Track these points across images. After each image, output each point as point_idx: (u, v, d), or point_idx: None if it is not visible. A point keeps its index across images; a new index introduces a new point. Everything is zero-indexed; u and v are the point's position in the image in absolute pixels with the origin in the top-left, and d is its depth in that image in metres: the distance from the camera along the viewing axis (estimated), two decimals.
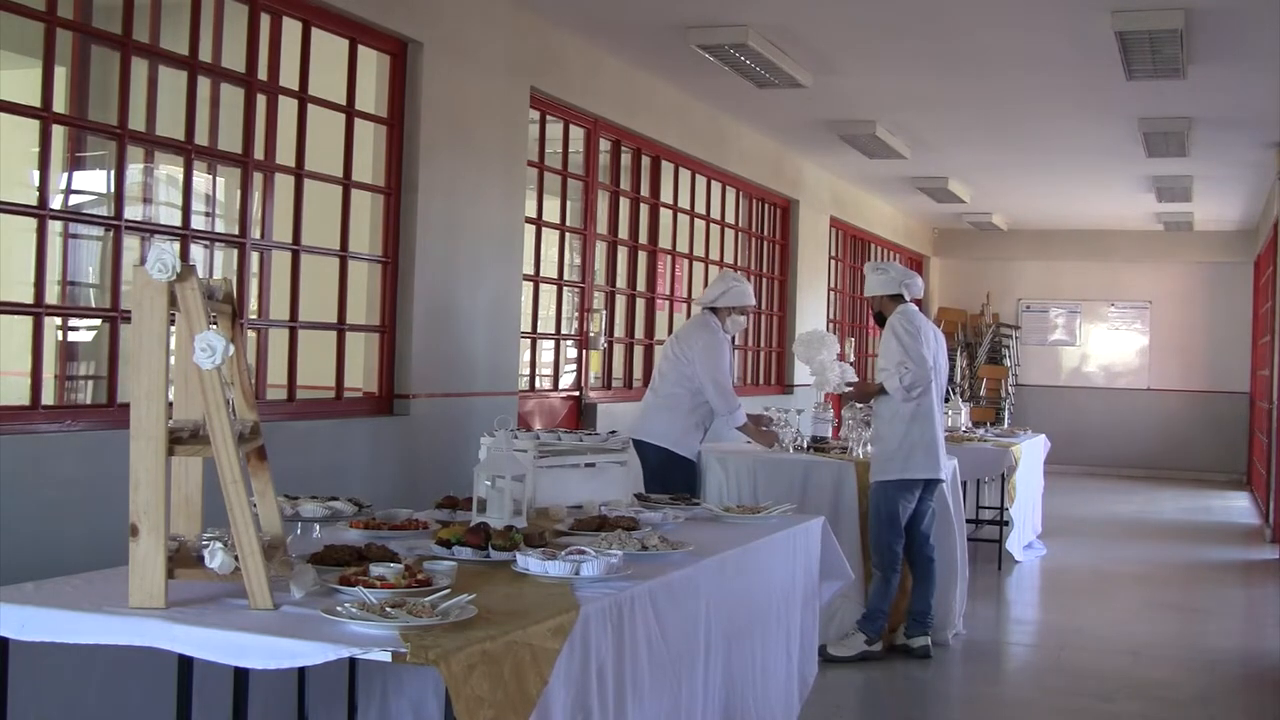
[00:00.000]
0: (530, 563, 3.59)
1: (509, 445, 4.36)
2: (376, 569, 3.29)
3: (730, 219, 12.07)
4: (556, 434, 5.08)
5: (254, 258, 6.19)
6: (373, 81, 7.00)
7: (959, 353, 19.14)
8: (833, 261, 15.21)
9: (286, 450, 5.50)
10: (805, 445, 7.82)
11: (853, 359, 9.65)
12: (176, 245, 5.69)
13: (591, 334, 9.25)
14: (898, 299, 7.13)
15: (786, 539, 4.86)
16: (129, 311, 3.80)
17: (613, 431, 5.42)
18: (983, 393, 19.19)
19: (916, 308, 7.17)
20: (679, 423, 7.15)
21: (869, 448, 7.32)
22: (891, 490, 6.93)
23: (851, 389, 7.62)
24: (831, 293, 15.19)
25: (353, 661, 2.97)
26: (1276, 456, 12.75)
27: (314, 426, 6.44)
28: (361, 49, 6.81)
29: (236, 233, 6.15)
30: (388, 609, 2.92)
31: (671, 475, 7.00)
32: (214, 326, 3.15)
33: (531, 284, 8.48)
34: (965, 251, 20.14)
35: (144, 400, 3.04)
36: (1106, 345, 20.08)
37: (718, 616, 4.16)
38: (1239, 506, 15.76)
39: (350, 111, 6.77)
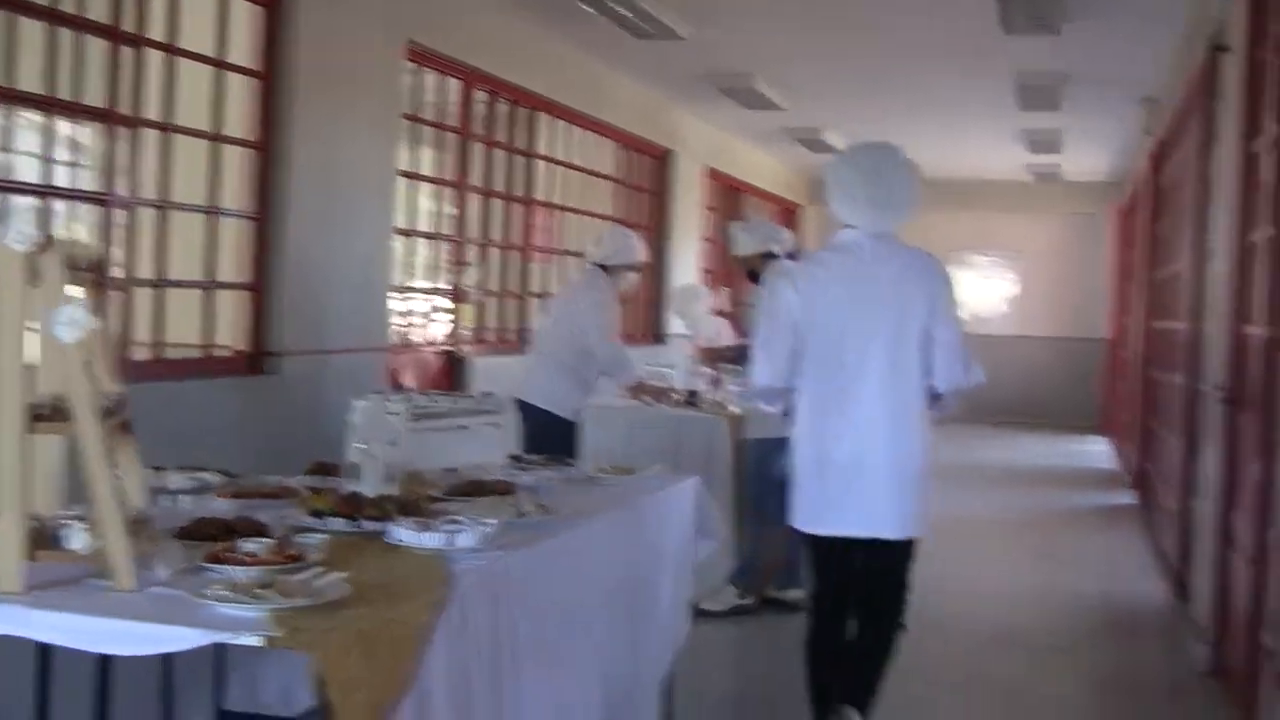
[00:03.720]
0: (403, 534, 3.54)
1: (382, 409, 4.30)
2: (246, 544, 3.23)
3: (607, 170, 12.03)
4: (430, 396, 5.03)
5: (122, 216, 6.03)
6: (244, 33, 6.83)
7: None
8: (709, 212, 15.23)
9: (153, 413, 5.32)
10: (682, 400, 7.85)
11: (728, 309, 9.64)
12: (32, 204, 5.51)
13: (464, 287, 9.16)
14: (770, 256, 7.15)
15: (661, 500, 4.86)
16: None
17: (488, 393, 5.37)
18: None
19: (792, 263, 7.19)
20: (562, 383, 7.06)
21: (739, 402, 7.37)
22: (769, 447, 6.95)
23: (729, 349, 7.62)
24: (707, 242, 15.22)
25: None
26: (1137, 403, 13.06)
27: (182, 388, 6.29)
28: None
29: (102, 189, 5.98)
30: (257, 590, 2.86)
31: (553, 436, 6.88)
32: (77, 296, 3.05)
33: (405, 237, 8.37)
34: None
35: (1, 377, 2.94)
36: (976, 294, 20.42)
37: (594, 581, 4.16)
38: (1098, 451, 16.17)
39: (221, 64, 6.60)
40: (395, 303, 8.26)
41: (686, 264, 14.06)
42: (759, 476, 6.98)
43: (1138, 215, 15.02)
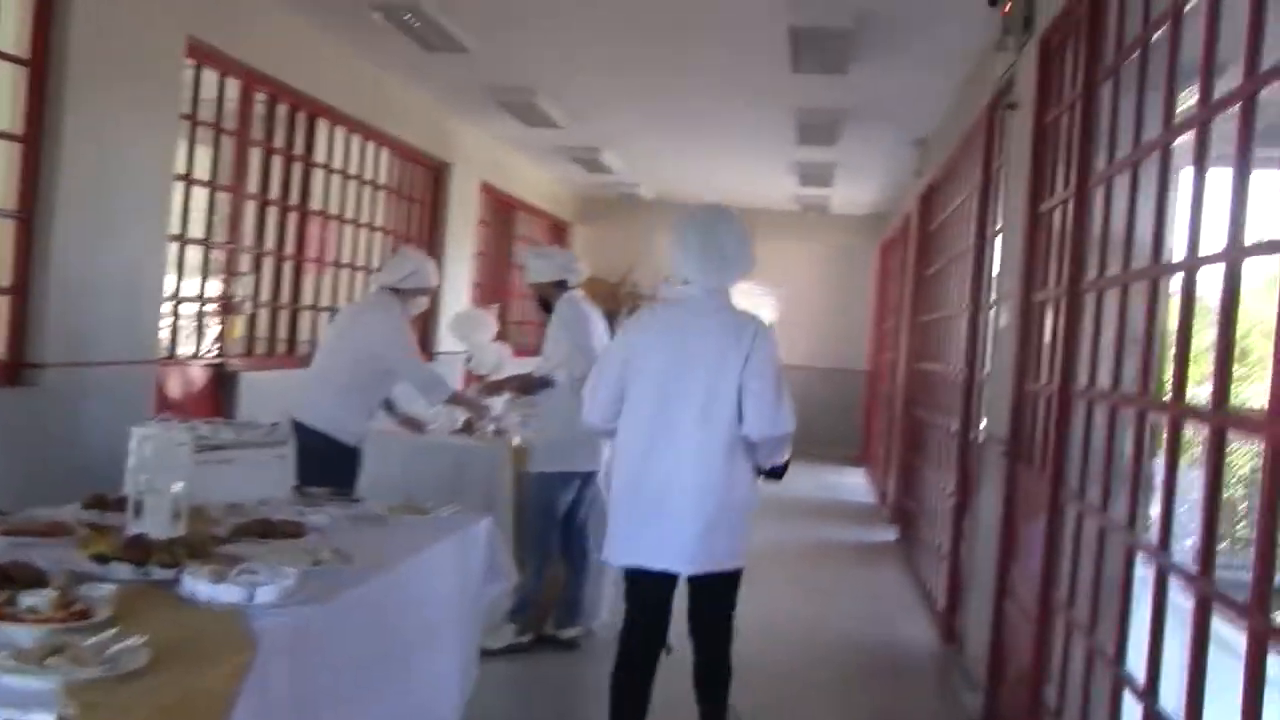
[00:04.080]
0: (199, 587, 3.31)
1: (170, 441, 4.03)
2: (27, 598, 2.96)
3: (384, 180, 11.74)
4: (214, 425, 4.77)
5: None
6: (12, 16, 6.39)
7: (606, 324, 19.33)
8: (481, 226, 15.05)
9: None
10: (459, 428, 7.69)
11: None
12: None
13: (236, 298, 8.79)
14: (562, 285, 7.05)
15: (455, 542, 4.71)
16: None
17: (275, 424, 5.13)
18: None
19: (581, 294, 7.11)
20: (345, 406, 6.73)
21: (523, 433, 7.25)
22: (553, 482, 6.88)
23: (512, 380, 7.44)
24: (480, 257, 15.04)
25: None
26: (893, 438, 13.41)
27: None
28: None
29: None
30: (47, 658, 2.61)
31: (332, 462, 6.53)
32: None
33: (177, 244, 7.98)
34: (607, 221, 20.28)
35: None
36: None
37: (391, 631, 3.99)
38: (857, 484, 16.54)
39: None
40: (163, 312, 7.84)
41: (459, 278, 13.84)
42: (542, 511, 6.87)
43: (900, 253, 15.48)
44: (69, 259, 6.59)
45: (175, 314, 8.09)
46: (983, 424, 7.32)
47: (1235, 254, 3.33)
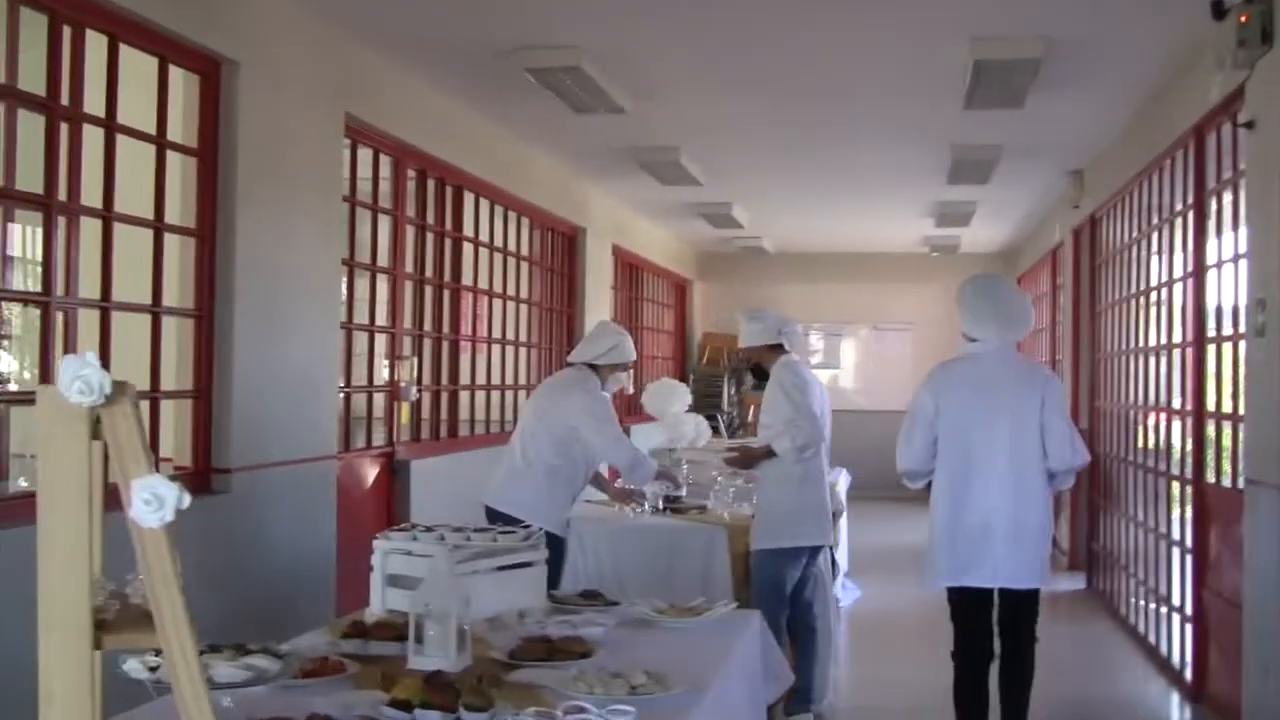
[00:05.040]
0: None
1: (447, 560, 3.56)
2: None
3: (524, 250, 11.34)
4: (465, 533, 4.29)
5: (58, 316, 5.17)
6: (180, 107, 6.03)
7: (726, 380, 18.83)
8: (612, 291, 14.60)
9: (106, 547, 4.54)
10: (661, 506, 7.19)
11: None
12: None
13: (403, 384, 8.38)
14: (778, 349, 6.56)
15: (738, 646, 4.21)
16: None
17: (525, 525, 4.67)
18: (750, 419, 18.88)
19: (798, 359, 6.60)
20: (549, 493, 6.29)
21: (739, 509, 6.74)
22: (779, 559, 6.35)
23: (736, 454, 6.88)
24: (615, 321, 14.58)
25: None
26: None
27: (118, 516, 5.42)
28: (171, 70, 5.85)
29: (40, 290, 5.14)
30: None
31: None
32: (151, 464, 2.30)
33: (345, 332, 7.58)
34: (729, 275, 19.79)
35: (58, 575, 2.18)
36: (869, 367, 20.13)
37: None
38: None
39: (161, 141, 5.80)
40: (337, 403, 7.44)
41: None
42: (770, 591, 6.33)
43: (1042, 287, 14.91)
44: (249, 356, 6.21)
45: (348, 404, 7.67)
46: (1238, 467, 6.69)
47: None
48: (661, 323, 17.88)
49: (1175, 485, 8.12)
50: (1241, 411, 6.57)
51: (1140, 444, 9.38)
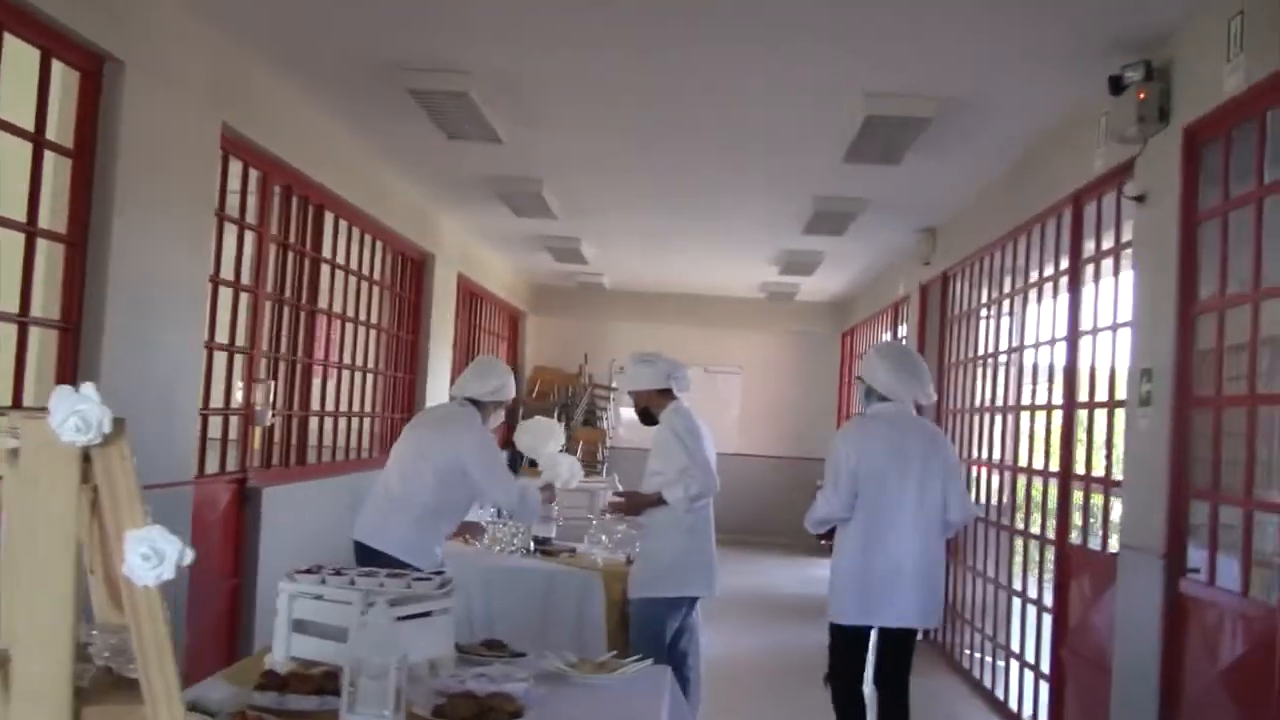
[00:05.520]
0: None
1: (387, 616, 3.33)
2: None
3: (377, 274, 11.03)
4: (377, 578, 4.06)
5: None
6: (57, 106, 5.66)
7: (556, 415, 18.64)
8: (454, 320, 14.31)
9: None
10: (530, 548, 6.99)
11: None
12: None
13: (257, 407, 8.02)
14: (667, 394, 6.44)
15: (664, 704, 4.06)
16: None
17: (439, 571, 4.44)
18: (579, 456, 18.71)
19: (688, 406, 6.48)
20: (428, 533, 6.08)
21: (614, 555, 6.58)
22: (661, 609, 6.22)
23: (621, 499, 6.71)
24: (454, 350, 14.32)
25: None
26: None
27: None
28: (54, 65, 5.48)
29: None
30: None
31: None
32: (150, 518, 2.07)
33: (207, 351, 7.21)
34: (563, 310, 19.67)
35: (35, 638, 1.93)
36: (701, 409, 20.10)
37: None
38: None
39: (39, 140, 5.42)
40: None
41: (441, 374, 13.09)
42: (650, 641, 6.16)
43: (881, 336, 15.07)
44: (116, 372, 5.83)
45: (204, 427, 7.30)
46: (1107, 531, 6.80)
47: None
48: (496, 354, 17.62)
49: (1032, 544, 8.23)
50: (1116, 476, 6.67)
51: (993, 500, 9.49)
